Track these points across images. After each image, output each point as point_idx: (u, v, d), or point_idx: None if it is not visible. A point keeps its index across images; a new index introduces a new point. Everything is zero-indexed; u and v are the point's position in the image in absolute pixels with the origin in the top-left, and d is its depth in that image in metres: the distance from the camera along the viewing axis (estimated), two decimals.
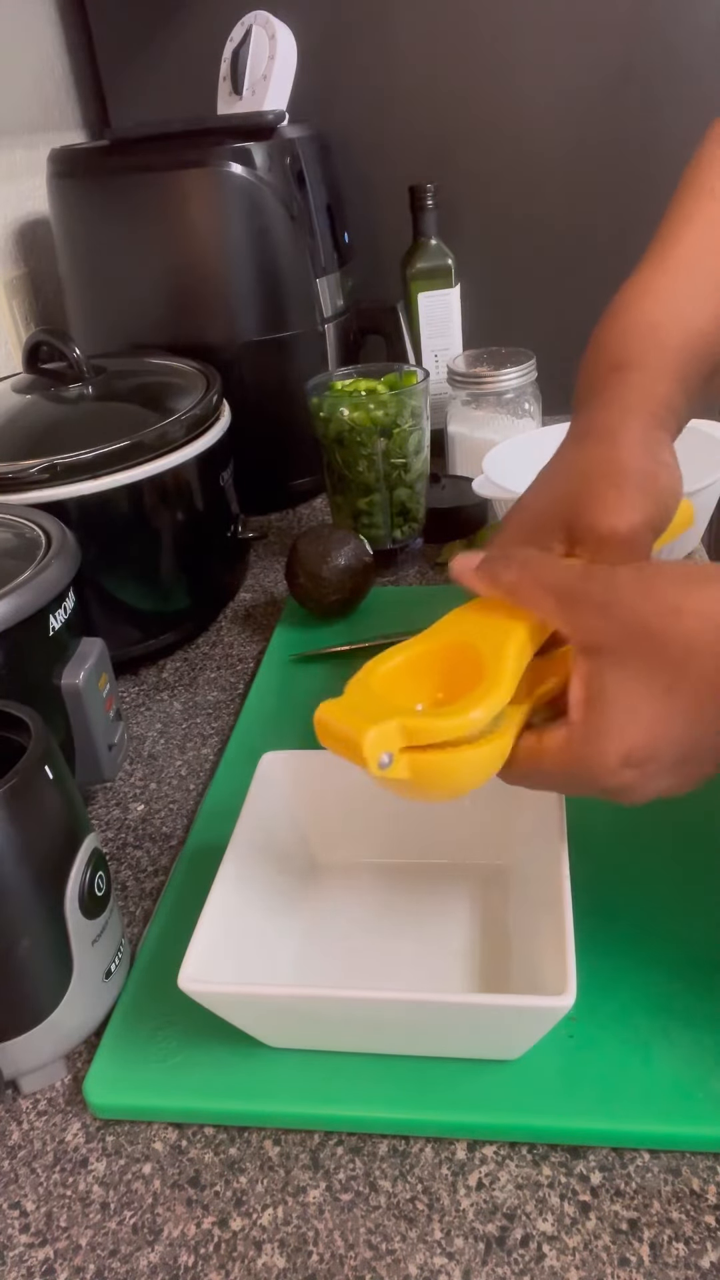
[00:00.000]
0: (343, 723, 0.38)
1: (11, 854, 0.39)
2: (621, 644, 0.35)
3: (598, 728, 0.36)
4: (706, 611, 0.34)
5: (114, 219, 0.90)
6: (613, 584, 0.36)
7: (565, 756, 0.37)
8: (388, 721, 0.37)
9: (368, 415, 0.79)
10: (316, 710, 0.39)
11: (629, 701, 0.35)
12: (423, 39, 1.04)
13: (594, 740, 0.36)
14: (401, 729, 0.37)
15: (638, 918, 0.47)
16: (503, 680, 0.38)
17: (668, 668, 0.34)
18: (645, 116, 1.03)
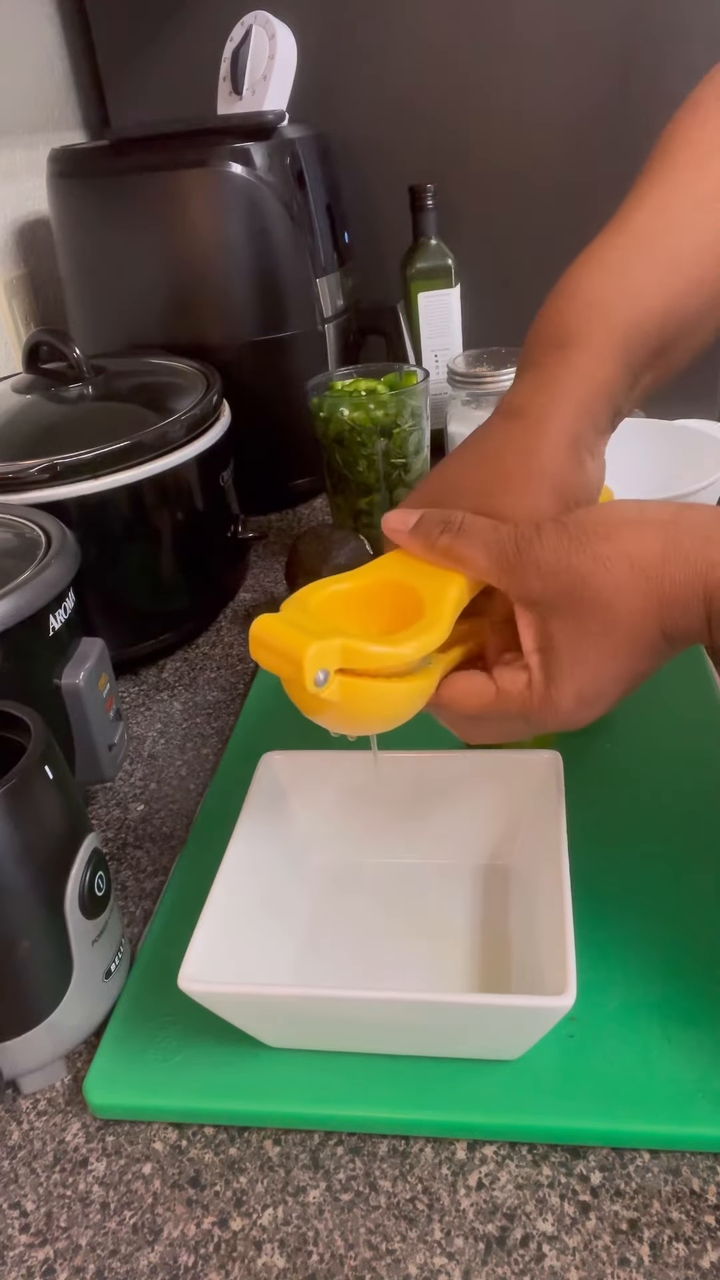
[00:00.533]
0: (282, 636, 0.37)
1: (11, 854, 0.39)
2: (558, 597, 0.38)
3: (552, 674, 0.39)
4: (626, 553, 0.36)
5: (114, 219, 0.90)
6: (541, 543, 0.38)
7: (524, 701, 0.40)
8: (330, 639, 0.37)
9: (368, 415, 0.79)
10: (253, 623, 0.39)
11: (574, 648, 0.38)
12: (423, 39, 1.04)
13: (551, 685, 0.39)
14: (341, 649, 0.37)
15: (638, 918, 0.47)
16: (441, 621, 0.39)
17: (600, 612, 0.37)
18: (646, 116, 1.02)
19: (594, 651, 0.38)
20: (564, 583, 0.37)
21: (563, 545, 0.37)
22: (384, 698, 0.39)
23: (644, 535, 0.37)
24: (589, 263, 0.47)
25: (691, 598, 0.36)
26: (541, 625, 0.39)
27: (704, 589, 0.36)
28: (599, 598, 0.37)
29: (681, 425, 0.81)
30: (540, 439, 0.42)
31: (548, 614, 0.38)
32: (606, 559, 0.37)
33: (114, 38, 1.10)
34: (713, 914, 0.47)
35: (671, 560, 0.36)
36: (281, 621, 0.38)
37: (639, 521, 0.37)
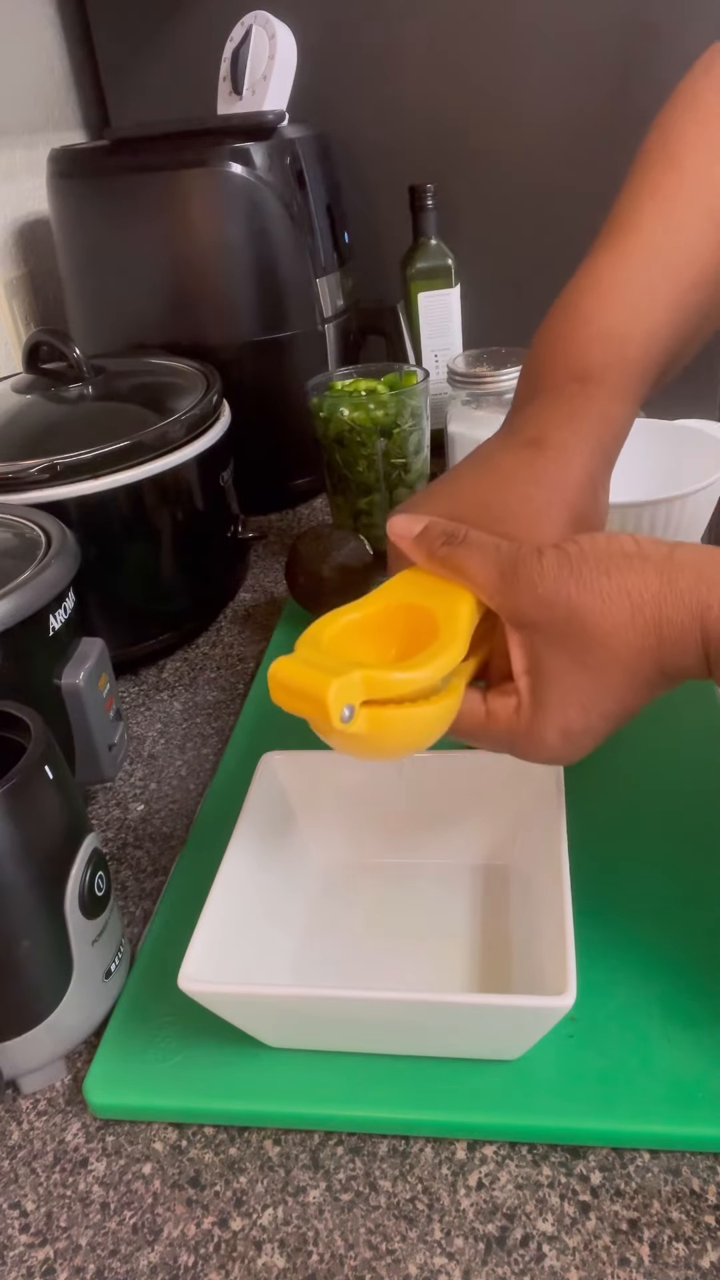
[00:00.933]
0: (302, 677, 0.37)
1: (11, 854, 0.39)
2: (553, 625, 0.37)
3: (540, 702, 0.39)
4: (626, 590, 0.36)
5: (114, 219, 0.90)
6: (541, 567, 0.38)
7: (511, 726, 0.40)
8: (351, 673, 0.36)
9: (368, 415, 0.79)
10: (271, 666, 0.38)
11: (565, 682, 0.38)
12: (423, 39, 1.04)
13: (537, 715, 0.39)
14: (363, 681, 0.37)
15: (638, 918, 0.47)
16: (458, 638, 0.39)
17: (595, 647, 0.37)
18: (646, 117, 1.02)
19: (588, 685, 0.38)
20: (561, 613, 0.37)
21: (563, 574, 0.37)
22: (412, 723, 0.38)
23: (644, 573, 0.36)
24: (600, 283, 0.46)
25: (689, 638, 0.36)
26: (532, 648, 0.38)
27: (701, 629, 0.36)
28: (597, 633, 0.37)
29: (681, 425, 0.81)
30: (565, 473, 0.42)
31: (539, 639, 0.38)
32: (606, 595, 0.36)
33: (114, 38, 1.10)
34: (713, 914, 0.47)
35: (668, 600, 0.36)
36: (299, 662, 0.38)
37: (638, 557, 0.37)
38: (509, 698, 0.40)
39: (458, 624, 0.39)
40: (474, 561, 0.40)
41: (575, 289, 0.47)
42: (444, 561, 0.41)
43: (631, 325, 0.45)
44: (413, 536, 0.42)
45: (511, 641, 0.39)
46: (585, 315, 0.46)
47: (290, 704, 0.38)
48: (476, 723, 0.41)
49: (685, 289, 0.46)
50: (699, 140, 0.47)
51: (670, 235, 0.46)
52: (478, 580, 0.40)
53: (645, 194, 0.47)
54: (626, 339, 0.45)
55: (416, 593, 0.41)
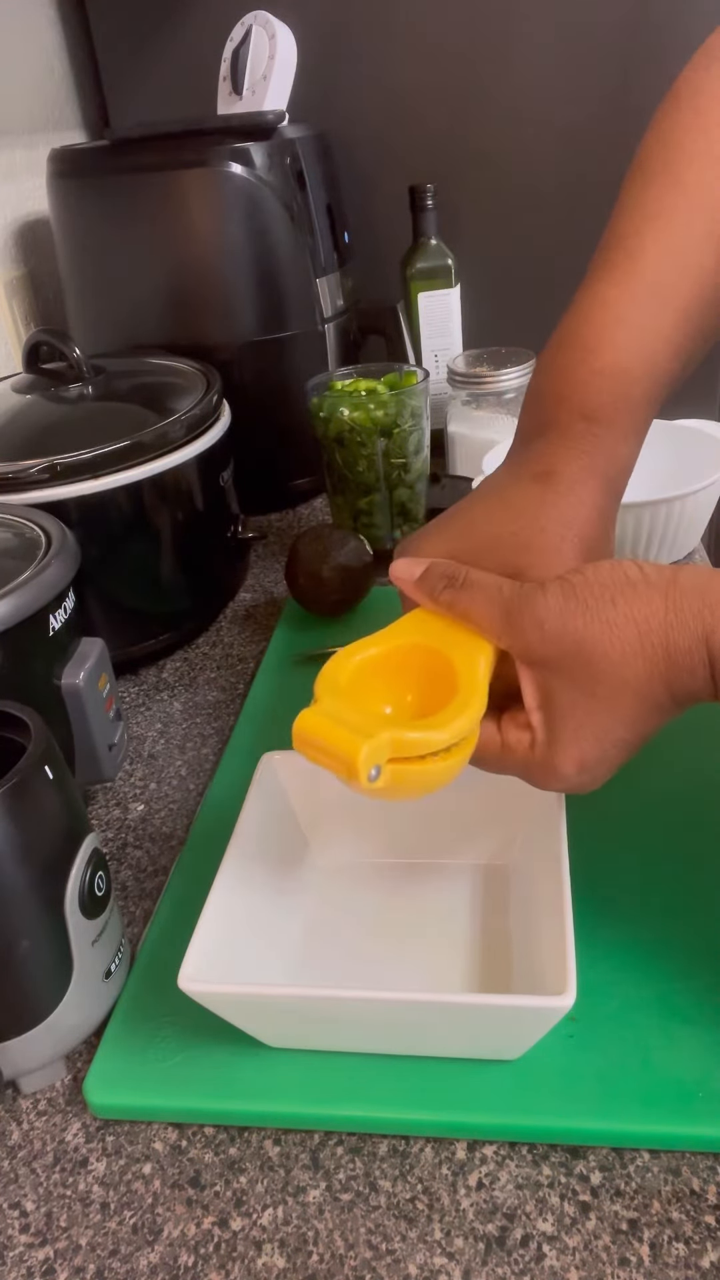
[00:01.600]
0: (330, 738, 0.37)
1: (11, 854, 0.39)
2: (562, 659, 0.37)
3: (554, 736, 0.39)
4: (632, 619, 0.36)
5: (114, 219, 0.90)
6: (546, 602, 0.38)
7: (527, 761, 0.40)
8: (379, 735, 0.36)
9: (368, 415, 0.79)
10: (295, 722, 0.38)
11: (578, 714, 0.38)
12: (423, 39, 1.04)
13: (552, 749, 0.39)
14: (392, 742, 0.37)
15: (638, 918, 0.47)
16: (477, 692, 0.39)
17: (605, 678, 0.37)
18: (646, 117, 1.02)
19: (600, 715, 0.38)
20: (569, 645, 0.37)
21: (569, 608, 0.37)
22: (433, 777, 0.39)
23: (649, 599, 0.36)
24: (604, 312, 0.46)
25: (696, 662, 0.36)
26: (543, 684, 0.38)
27: (707, 653, 0.36)
28: (605, 663, 0.37)
29: (681, 425, 0.81)
30: (576, 506, 0.42)
31: (549, 674, 0.38)
32: (613, 624, 0.36)
33: (114, 38, 1.10)
34: (713, 914, 0.47)
35: (674, 625, 0.36)
36: (325, 719, 0.38)
37: (642, 584, 0.37)
38: (524, 732, 0.40)
39: (475, 675, 0.39)
40: (477, 605, 0.39)
41: (578, 317, 0.47)
42: (448, 607, 0.40)
43: (636, 359, 0.45)
44: (414, 580, 0.42)
45: (523, 677, 0.39)
46: (590, 347, 0.46)
47: (316, 759, 0.38)
48: (493, 754, 0.41)
49: (688, 315, 0.46)
50: (699, 151, 0.46)
51: (672, 260, 0.46)
52: (483, 624, 0.39)
53: (646, 216, 0.46)
54: (631, 376, 0.45)
55: (432, 635, 0.41)
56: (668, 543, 0.76)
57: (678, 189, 0.46)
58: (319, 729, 0.37)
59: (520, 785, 0.49)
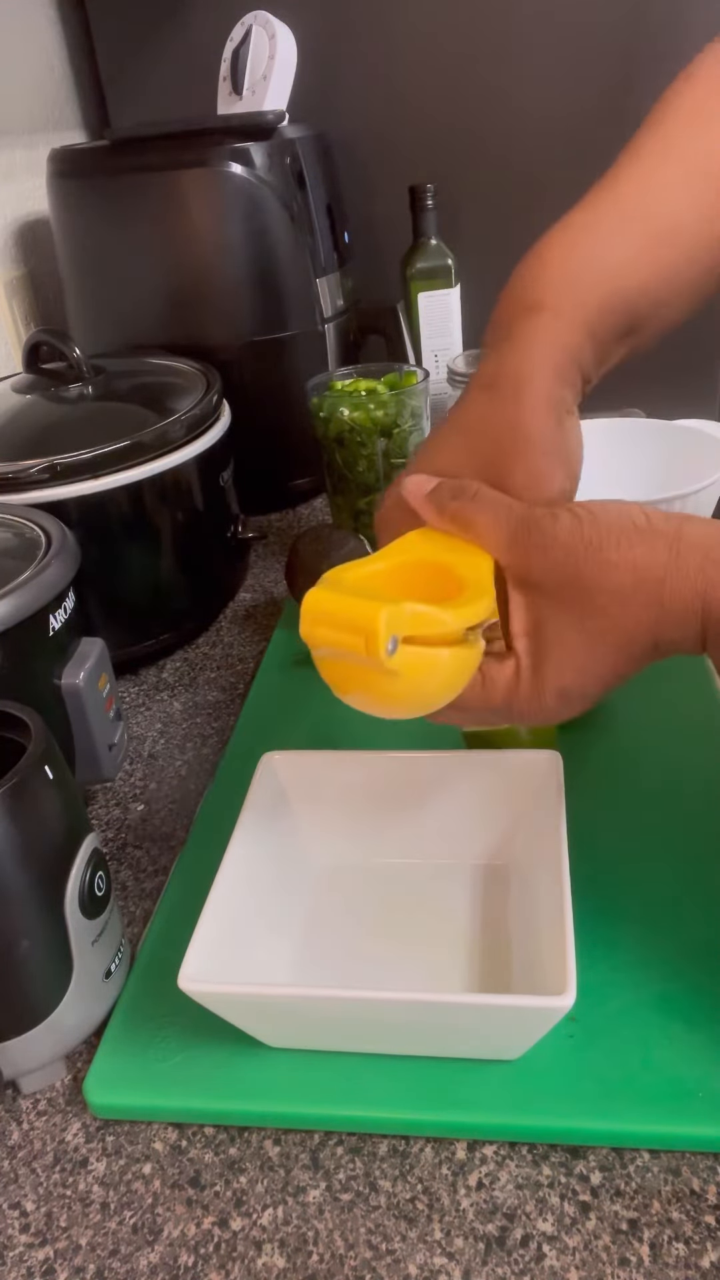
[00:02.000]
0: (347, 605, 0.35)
1: (11, 854, 0.39)
2: (558, 588, 0.38)
3: (539, 665, 0.40)
4: (635, 564, 0.37)
5: (114, 219, 0.90)
6: (555, 529, 0.38)
7: (509, 690, 0.40)
8: (402, 602, 0.35)
9: (368, 415, 0.79)
10: (306, 598, 0.36)
11: (566, 646, 0.39)
12: (423, 39, 1.04)
13: (536, 678, 0.40)
14: (411, 615, 0.36)
15: (638, 918, 0.47)
16: (488, 590, 0.39)
17: (597, 614, 0.37)
18: (646, 115, 1.03)
19: (586, 651, 0.38)
20: (569, 575, 0.37)
21: (575, 540, 0.37)
22: (443, 667, 0.38)
23: (653, 546, 0.37)
24: (568, 229, 0.46)
25: (689, 614, 0.36)
26: (535, 609, 0.39)
27: (702, 607, 0.36)
28: (601, 599, 0.37)
29: (681, 425, 0.81)
30: (519, 406, 0.42)
31: (542, 600, 0.39)
32: (615, 565, 0.37)
33: (114, 38, 1.10)
34: (713, 913, 0.47)
35: (674, 575, 0.36)
36: (337, 593, 0.36)
37: (649, 531, 0.37)
38: (505, 663, 0.40)
39: (484, 578, 0.39)
40: (485, 517, 0.40)
41: (542, 240, 0.47)
42: (455, 517, 0.40)
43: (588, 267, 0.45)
44: (426, 491, 0.41)
45: (514, 602, 0.40)
46: (545, 260, 0.46)
47: (326, 636, 0.36)
48: (473, 691, 0.41)
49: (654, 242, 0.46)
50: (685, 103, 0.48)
51: (644, 192, 0.46)
52: (488, 537, 0.40)
53: (626, 156, 0.47)
54: (580, 277, 0.45)
55: (434, 549, 0.41)
56: None
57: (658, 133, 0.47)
58: (333, 601, 0.36)
59: (520, 786, 0.49)
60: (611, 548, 0.37)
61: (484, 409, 0.43)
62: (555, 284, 0.45)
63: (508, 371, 0.43)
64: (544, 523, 0.38)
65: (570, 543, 0.38)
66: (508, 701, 0.41)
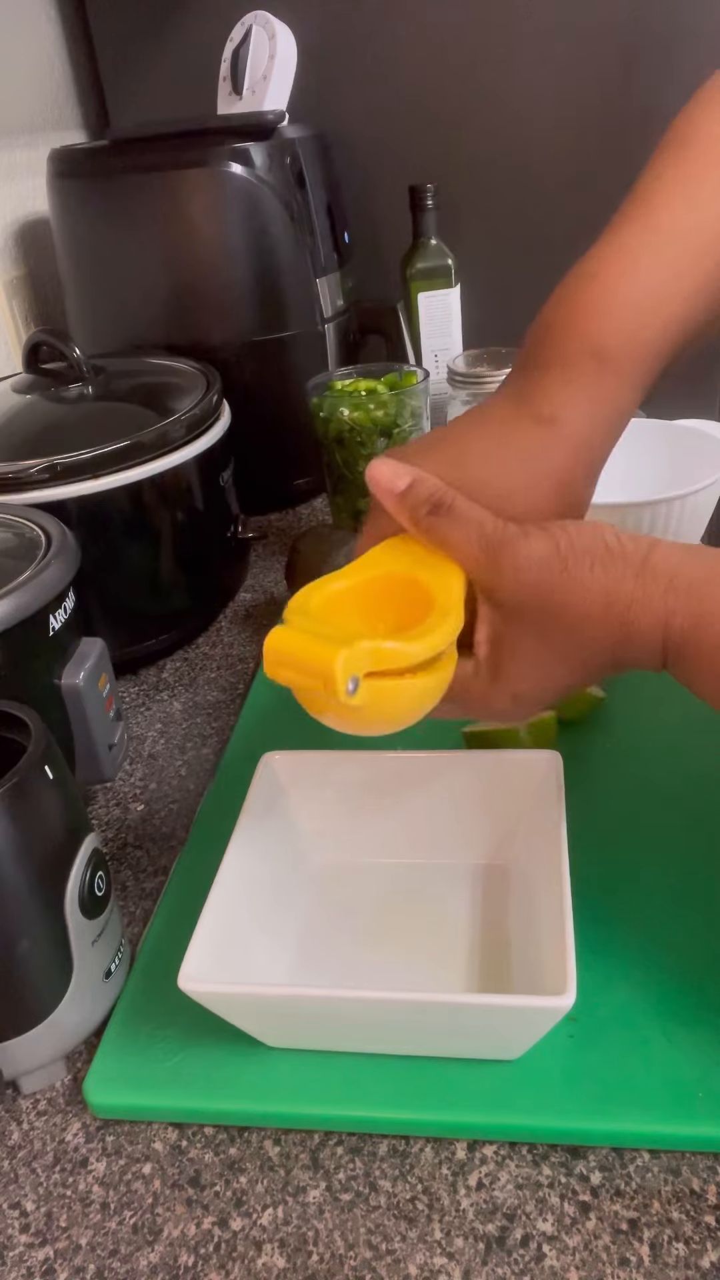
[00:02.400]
0: (305, 649, 0.35)
1: (11, 854, 0.39)
2: (528, 607, 0.39)
3: (497, 671, 0.40)
4: (605, 588, 0.37)
5: (114, 219, 0.90)
6: (528, 550, 0.38)
7: (465, 687, 0.41)
8: (358, 643, 0.35)
9: (368, 415, 0.79)
10: (267, 639, 0.36)
11: (526, 656, 0.40)
12: (423, 39, 1.04)
13: (493, 683, 0.41)
14: (370, 652, 0.36)
15: (638, 918, 0.47)
16: (455, 608, 0.39)
17: (561, 632, 0.39)
18: (646, 116, 1.03)
19: (546, 663, 0.40)
20: (539, 596, 0.38)
21: (549, 562, 0.38)
22: (413, 694, 0.38)
23: (622, 573, 0.38)
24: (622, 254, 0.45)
25: (651, 640, 0.37)
26: (498, 622, 0.40)
27: (663, 634, 0.37)
28: (566, 620, 0.38)
29: (681, 425, 0.81)
30: (576, 459, 0.42)
31: (509, 615, 0.39)
32: (586, 589, 0.38)
33: (114, 38, 1.10)
34: (713, 913, 0.47)
35: (639, 602, 0.37)
36: (297, 632, 0.36)
37: (619, 556, 0.38)
38: (467, 659, 0.41)
39: (452, 594, 0.39)
40: (457, 534, 0.40)
41: (596, 257, 0.46)
42: (427, 531, 0.40)
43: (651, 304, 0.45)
44: (397, 492, 0.41)
45: (481, 612, 0.40)
46: (606, 285, 0.45)
47: (288, 678, 0.36)
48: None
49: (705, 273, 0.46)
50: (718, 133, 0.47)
51: (692, 214, 0.46)
52: (460, 553, 0.40)
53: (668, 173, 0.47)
54: (645, 319, 0.45)
55: (405, 562, 0.40)
56: None
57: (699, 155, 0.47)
58: (292, 643, 0.36)
59: (520, 786, 0.49)
60: (585, 570, 0.38)
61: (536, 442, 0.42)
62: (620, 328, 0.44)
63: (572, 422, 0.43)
64: (517, 543, 0.38)
65: (543, 564, 0.38)
66: (462, 698, 0.41)
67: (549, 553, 0.38)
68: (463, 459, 0.43)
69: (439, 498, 0.40)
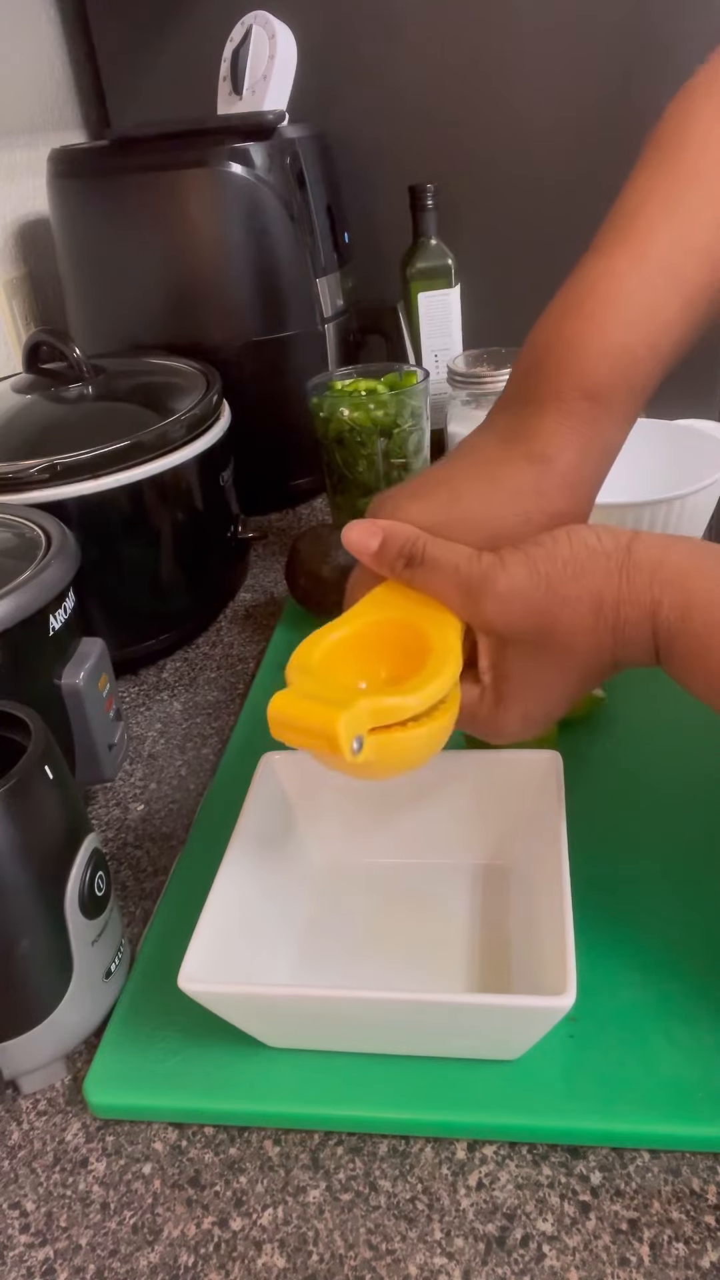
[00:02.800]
0: (306, 716, 0.36)
1: (11, 854, 0.39)
2: (520, 634, 0.39)
3: (502, 695, 0.41)
4: (592, 593, 0.38)
5: (114, 219, 0.90)
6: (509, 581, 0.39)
7: (473, 712, 0.42)
8: (357, 704, 0.36)
9: (368, 415, 0.79)
10: (270, 705, 0.37)
11: (528, 676, 0.41)
12: (423, 39, 1.04)
13: (500, 706, 0.42)
14: (370, 711, 0.36)
15: (638, 917, 0.47)
16: (453, 654, 0.39)
17: (559, 648, 0.39)
18: (646, 116, 1.02)
19: (548, 679, 0.40)
20: (528, 620, 0.39)
21: (532, 584, 0.38)
22: (417, 745, 0.39)
23: (606, 572, 0.38)
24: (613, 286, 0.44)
25: (642, 634, 0.38)
26: (496, 649, 0.40)
27: (652, 626, 0.37)
28: (560, 633, 0.38)
29: (681, 425, 0.81)
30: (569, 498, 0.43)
31: (504, 642, 0.40)
32: (574, 600, 0.38)
33: (114, 38, 1.10)
34: (713, 913, 0.47)
35: (625, 599, 0.37)
36: (298, 697, 0.37)
37: (601, 555, 0.38)
38: (473, 685, 0.42)
39: (449, 639, 0.39)
40: (436, 581, 0.40)
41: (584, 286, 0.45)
42: (408, 583, 0.41)
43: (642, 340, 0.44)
44: (371, 552, 0.42)
45: (480, 642, 0.41)
46: (597, 320, 0.44)
47: (295, 740, 0.37)
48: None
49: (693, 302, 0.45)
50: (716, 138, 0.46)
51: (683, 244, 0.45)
52: (442, 599, 0.40)
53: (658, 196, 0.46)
54: (636, 356, 0.44)
55: (400, 607, 0.41)
56: None
57: (692, 173, 0.46)
58: (293, 708, 0.37)
59: (520, 786, 0.49)
60: (570, 582, 0.38)
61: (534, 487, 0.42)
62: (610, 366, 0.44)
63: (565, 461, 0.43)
64: (495, 577, 0.39)
65: (525, 591, 0.38)
66: (471, 722, 0.42)
67: (528, 577, 0.38)
68: (455, 500, 0.43)
69: (410, 550, 0.41)
